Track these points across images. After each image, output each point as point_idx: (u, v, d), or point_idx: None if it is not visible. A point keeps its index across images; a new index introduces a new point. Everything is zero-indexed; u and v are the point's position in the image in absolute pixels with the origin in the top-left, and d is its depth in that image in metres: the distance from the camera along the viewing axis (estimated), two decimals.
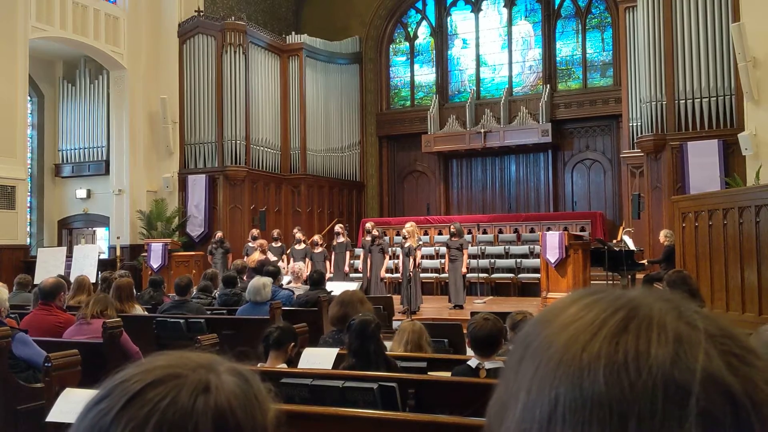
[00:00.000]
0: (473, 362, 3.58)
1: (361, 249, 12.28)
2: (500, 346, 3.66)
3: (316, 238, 12.47)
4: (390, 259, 11.95)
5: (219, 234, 13.01)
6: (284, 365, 3.90)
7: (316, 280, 7.43)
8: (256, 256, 11.27)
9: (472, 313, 3.89)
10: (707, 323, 0.51)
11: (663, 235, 10.09)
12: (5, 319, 4.84)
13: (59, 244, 15.23)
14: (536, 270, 12.30)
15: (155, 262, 12.54)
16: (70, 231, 16.17)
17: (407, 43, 18.83)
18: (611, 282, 10.84)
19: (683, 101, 11.56)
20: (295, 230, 12.64)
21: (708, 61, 11.44)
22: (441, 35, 18.29)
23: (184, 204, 15.04)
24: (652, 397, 0.47)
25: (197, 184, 14.93)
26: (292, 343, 4.01)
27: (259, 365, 3.84)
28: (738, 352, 0.50)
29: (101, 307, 5.07)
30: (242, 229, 14.71)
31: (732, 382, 0.48)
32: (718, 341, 0.50)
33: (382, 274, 11.48)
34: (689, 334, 0.50)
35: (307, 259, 11.61)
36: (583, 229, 14.11)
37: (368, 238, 11.72)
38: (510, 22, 17.54)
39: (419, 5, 18.53)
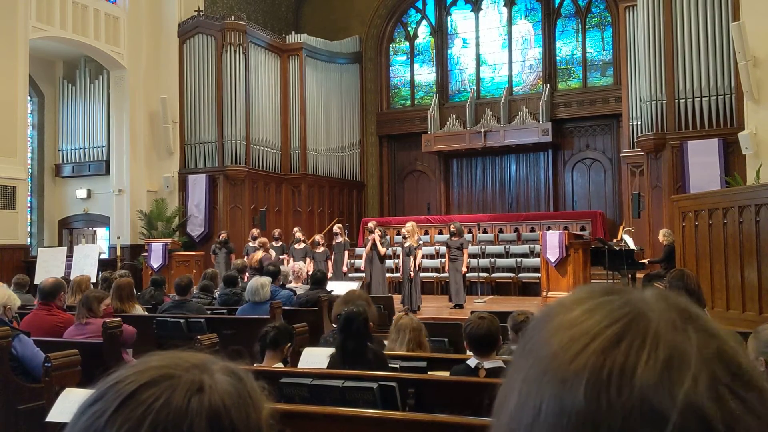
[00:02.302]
0: (472, 362, 3.58)
1: (364, 248, 12.26)
2: (498, 345, 3.65)
3: (318, 237, 12.47)
4: (390, 258, 11.94)
5: (223, 234, 12.99)
6: (280, 365, 3.90)
7: (319, 280, 7.43)
8: (259, 255, 11.27)
9: (472, 312, 3.89)
10: (704, 344, 0.49)
11: (662, 235, 10.09)
12: (11, 320, 4.85)
13: (59, 244, 15.24)
14: (537, 269, 12.31)
15: (155, 261, 12.54)
16: (70, 231, 16.17)
17: (407, 43, 18.83)
18: (612, 281, 10.85)
19: (683, 100, 11.56)
20: (296, 230, 12.64)
21: (708, 60, 11.43)
22: (441, 35, 18.29)
23: (184, 204, 15.04)
24: (629, 418, 0.46)
25: (197, 184, 14.93)
26: (289, 344, 4.01)
27: (255, 365, 3.84)
28: (728, 382, 0.48)
29: (89, 308, 5.07)
30: (243, 228, 14.71)
31: (713, 414, 0.46)
32: (711, 367, 0.48)
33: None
34: (681, 357, 0.48)
35: (308, 259, 11.61)
36: (583, 229, 14.11)
37: (369, 238, 11.71)
38: (510, 22, 17.54)
39: (419, 5, 18.53)
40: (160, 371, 0.65)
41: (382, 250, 11.24)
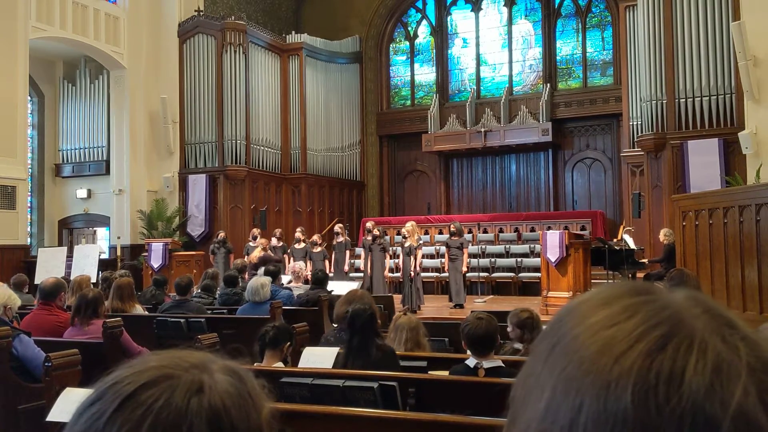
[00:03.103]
0: (471, 362, 3.57)
1: (362, 248, 12.28)
2: (496, 345, 3.66)
3: (315, 237, 12.47)
4: (391, 258, 11.94)
5: (221, 234, 13.00)
6: (280, 364, 3.91)
7: (320, 279, 7.42)
8: (257, 253, 11.26)
9: (472, 312, 3.89)
10: (750, 354, 0.49)
11: (662, 234, 10.09)
12: (11, 320, 4.85)
13: (60, 244, 15.23)
14: (537, 269, 12.29)
15: (156, 261, 12.53)
16: (70, 231, 16.17)
17: (407, 43, 18.83)
18: (613, 281, 10.84)
19: (683, 100, 11.56)
20: (298, 230, 12.64)
21: (708, 59, 11.43)
22: (441, 34, 18.29)
23: (184, 204, 15.04)
24: (679, 425, 0.45)
25: (197, 184, 14.93)
26: (288, 343, 4.01)
27: (255, 365, 3.84)
28: None
29: (95, 310, 5.07)
30: (243, 228, 14.71)
31: (764, 424, 0.46)
32: (758, 377, 0.47)
33: (385, 274, 11.46)
34: (729, 365, 0.47)
35: (307, 259, 11.61)
36: (583, 228, 14.10)
37: (369, 238, 11.72)
38: (510, 21, 17.53)
39: (419, 4, 18.53)
40: (160, 371, 0.64)
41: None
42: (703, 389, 0.46)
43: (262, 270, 8.50)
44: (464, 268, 10.94)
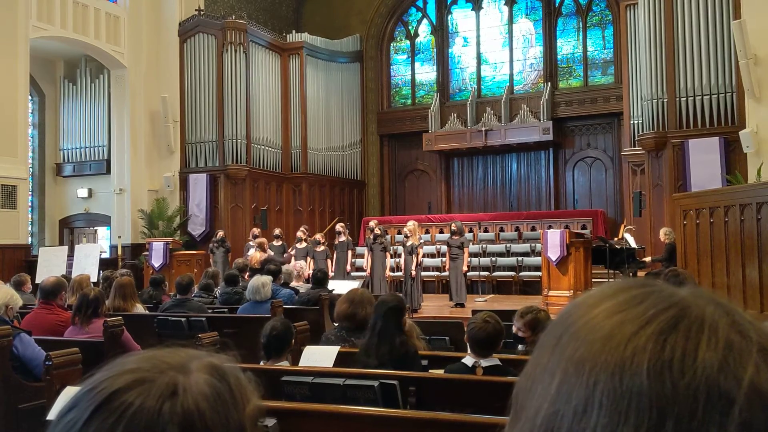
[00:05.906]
0: (469, 360, 3.58)
1: (366, 248, 12.26)
2: (499, 346, 3.66)
3: (318, 236, 12.47)
4: (392, 257, 11.94)
5: (220, 233, 13.02)
6: (285, 363, 3.90)
7: (320, 279, 7.43)
8: (258, 255, 11.25)
9: (474, 312, 3.89)
10: (761, 336, 0.50)
11: (663, 233, 10.08)
12: (12, 319, 4.85)
13: (60, 244, 15.23)
14: (537, 268, 12.30)
15: (156, 261, 12.53)
16: (71, 230, 16.17)
17: (408, 42, 18.82)
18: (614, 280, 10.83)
19: (684, 99, 11.54)
20: (300, 230, 12.62)
21: (709, 58, 11.42)
22: (442, 33, 18.28)
23: (185, 203, 15.04)
24: (694, 400, 0.46)
25: (198, 183, 14.93)
26: (292, 340, 4.00)
27: (262, 363, 3.83)
28: None
29: (96, 309, 5.07)
30: (243, 228, 14.71)
31: None
32: None
33: (387, 273, 11.45)
34: (740, 344, 0.49)
35: (309, 258, 11.61)
36: (584, 227, 14.10)
37: (371, 236, 11.72)
38: (511, 20, 17.53)
39: (420, 3, 18.52)
40: (135, 375, 0.63)
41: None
42: (717, 365, 0.47)
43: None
44: (465, 268, 10.95)
